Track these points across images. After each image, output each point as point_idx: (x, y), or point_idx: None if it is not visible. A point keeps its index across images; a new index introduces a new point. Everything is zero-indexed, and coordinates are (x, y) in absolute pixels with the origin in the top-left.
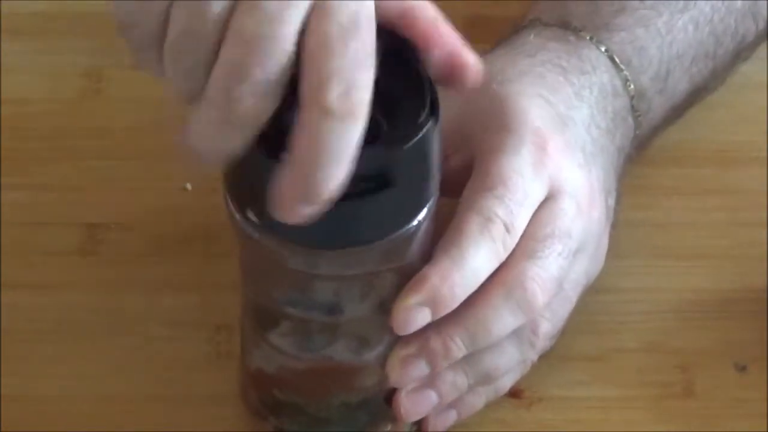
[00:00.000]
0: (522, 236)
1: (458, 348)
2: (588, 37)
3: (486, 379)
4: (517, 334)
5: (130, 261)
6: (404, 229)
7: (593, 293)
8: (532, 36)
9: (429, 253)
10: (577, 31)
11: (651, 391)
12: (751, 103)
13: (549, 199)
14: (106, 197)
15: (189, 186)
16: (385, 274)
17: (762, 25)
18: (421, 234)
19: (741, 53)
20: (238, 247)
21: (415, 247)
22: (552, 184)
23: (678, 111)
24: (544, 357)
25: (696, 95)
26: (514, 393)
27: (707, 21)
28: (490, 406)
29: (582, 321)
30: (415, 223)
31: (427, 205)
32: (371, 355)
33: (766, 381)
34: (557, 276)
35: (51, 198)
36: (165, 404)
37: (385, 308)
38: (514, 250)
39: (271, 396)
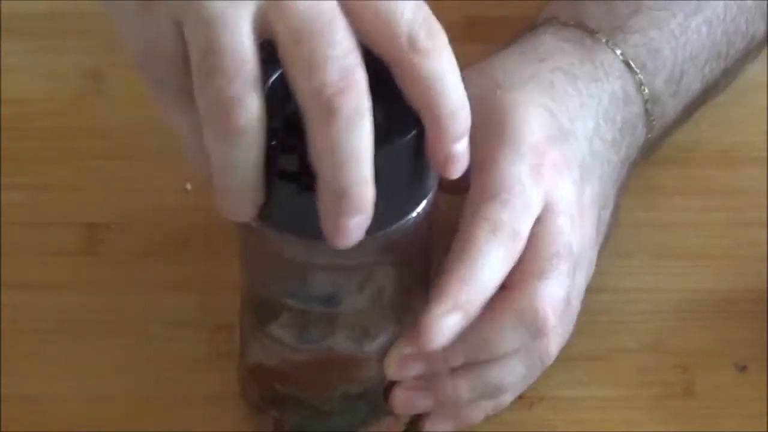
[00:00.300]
0: (529, 253)
1: (456, 359)
2: (604, 40)
3: (490, 393)
4: (526, 351)
5: (130, 261)
6: (402, 221)
7: (593, 293)
8: (547, 36)
9: (427, 248)
10: (593, 33)
11: (651, 391)
12: (752, 104)
13: (545, 216)
14: (106, 197)
15: (189, 186)
16: (383, 266)
17: None
18: (419, 227)
19: (750, 53)
20: (238, 238)
21: (414, 239)
22: (547, 199)
23: (689, 112)
24: None
25: (707, 95)
26: None
27: (720, 21)
28: None
29: (582, 321)
30: (413, 215)
31: (426, 199)
32: (371, 346)
33: (766, 381)
34: (565, 295)
35: (51, 198)
36: (165, 404)
37: (383, 300)
38: (522, 269)
39: (271, 389)
